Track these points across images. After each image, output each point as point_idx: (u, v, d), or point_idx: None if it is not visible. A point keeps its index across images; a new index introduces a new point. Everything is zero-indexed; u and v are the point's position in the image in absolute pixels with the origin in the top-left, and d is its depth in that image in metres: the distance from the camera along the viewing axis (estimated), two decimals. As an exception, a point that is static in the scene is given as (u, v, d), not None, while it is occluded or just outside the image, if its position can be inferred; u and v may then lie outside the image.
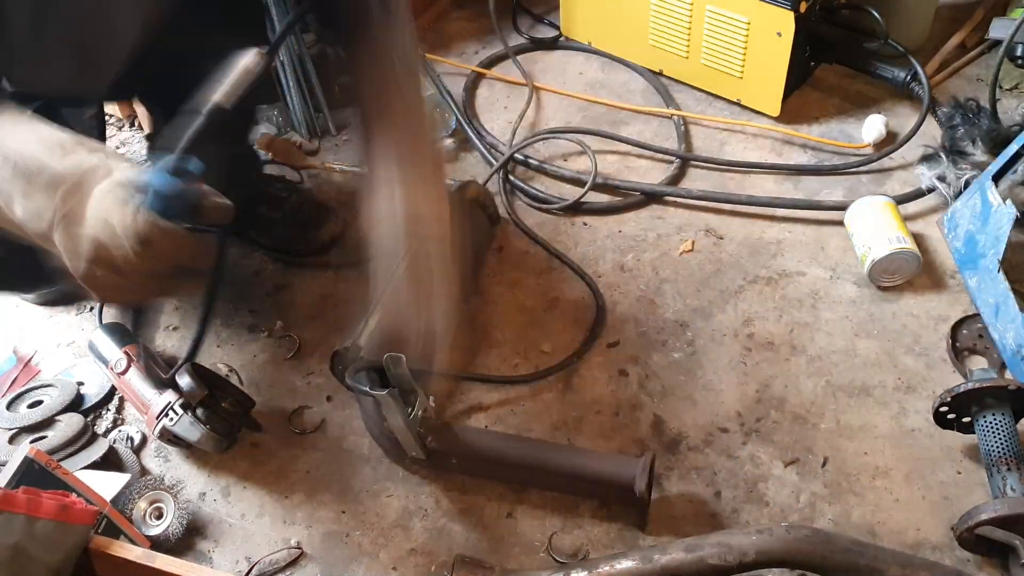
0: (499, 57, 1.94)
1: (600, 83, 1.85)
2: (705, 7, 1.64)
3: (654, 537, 1.13)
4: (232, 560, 1.14)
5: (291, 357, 1.37)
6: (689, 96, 1.80)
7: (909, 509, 1.14)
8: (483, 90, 1.88)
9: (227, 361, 1.37)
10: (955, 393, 1.13)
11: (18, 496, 0.88)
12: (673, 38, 1.74)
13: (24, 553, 0.86)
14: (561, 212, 1.57)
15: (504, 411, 1.28)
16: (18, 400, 1.26)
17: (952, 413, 1.17)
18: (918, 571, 0.64)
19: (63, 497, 0.92)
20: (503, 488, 1.19)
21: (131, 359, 1.26)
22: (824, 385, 1.28)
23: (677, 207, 1.57)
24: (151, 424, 1.21)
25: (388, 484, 1.21)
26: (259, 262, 1.53)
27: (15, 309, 1.48)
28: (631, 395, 1.29)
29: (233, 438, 1.24)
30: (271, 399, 1.32)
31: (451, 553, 1.13)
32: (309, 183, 1.65)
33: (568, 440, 1.24)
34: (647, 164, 1.66)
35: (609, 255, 1.50)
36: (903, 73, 1.65)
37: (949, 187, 1.47)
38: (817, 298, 1.40)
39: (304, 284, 1.49)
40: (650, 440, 1.23)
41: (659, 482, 1.19)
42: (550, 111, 1.81)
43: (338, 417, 1.29)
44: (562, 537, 1.14)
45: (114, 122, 1.87)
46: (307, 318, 1.43)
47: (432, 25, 2.08)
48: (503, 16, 1.95)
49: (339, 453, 1.25)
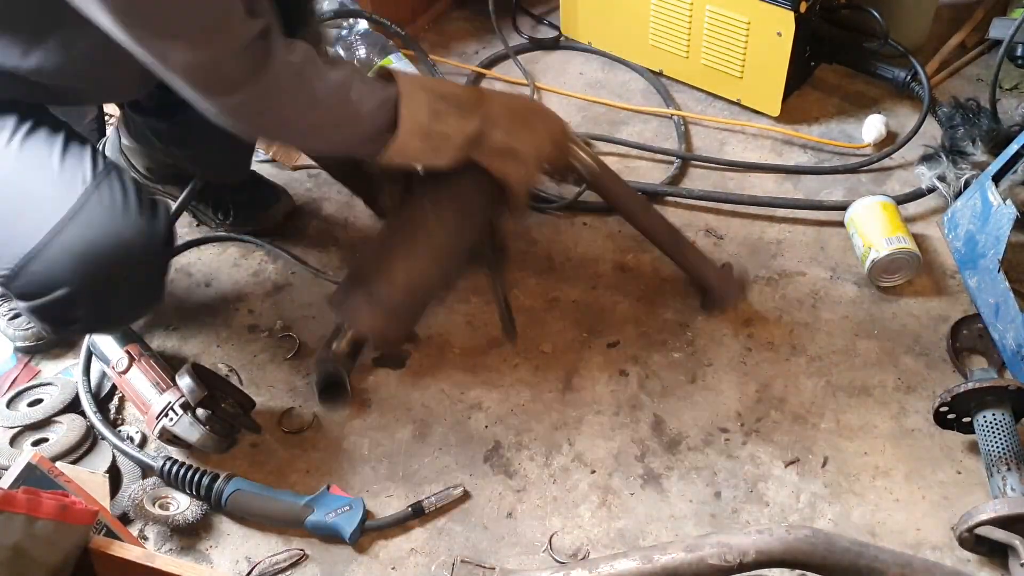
0: (499, 57, 1.94)
1: (600, 83, 1.85)
2: (705, 7, 1.64)
3: (654, 537, 1.13)
4: (232, 560, 1.14)
5: (291, 357, 1.37)
6: (689, 96, 1.79)
7: (909, 509, 1.14)
8: (483, 90, 1.88)
9: (227, 361, 1.37)
10: (955, 393, 1.13)
11: (18, 496, 0.87)
12: (673, 38, 1.74)
13: (24, 553, 0.86)
14: (561, 212, 1.57)
15: (504, 411, 1.28)
16: (18, 399, 1.26)
17: (952, 413, 1.17)
18: (918, 572, 0.64)
19: (63, 497, 0.92)
20: (503, 488, 1.19)
21: (132, 358, 1.26)
22: (824, 385, 1.28)
23: (677, 207, 1.57)
24: (151, 424, 1.21)
25: (388, 484, 1.21)
26: (259, 262, 1.53)
27: (15, 309, 1.48)
28: (631, 395, 1.29)
29: (233, 439, 1.24)
30: (271, 399, 1.31)
31: (451, 553, 1.13)
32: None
33: (568, 440, 1.24)
34: (647, 164, 1.66)
35: (609, 255, 1.50)
36: (903, 73, 1.65)
37: (949, 187, 1.47)
38: (817, 298, 1.40)
39: (304, 284, 1.49)
40: (650, 440, 1.24)
41: (659, 482, 1.19)
42: (550, 111, 1.80)
43: (337, 417, 1.29)
44: (562, 537, 1.14)
45: (113, 122, 1.87)
46: (307, 318, 1.43)
47: (432, 25, 2.07)
48: (503, 16, 1.95)
49: (338, 453, 1.24)
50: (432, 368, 1.35)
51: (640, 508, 1.16)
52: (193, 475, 1.17)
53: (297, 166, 1.71)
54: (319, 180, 1.69)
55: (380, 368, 1.35)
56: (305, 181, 1.69)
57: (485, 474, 1.21)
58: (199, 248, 1.56)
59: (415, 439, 1.26)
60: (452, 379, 1.33)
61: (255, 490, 1.16)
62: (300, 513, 1.14)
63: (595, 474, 1.20)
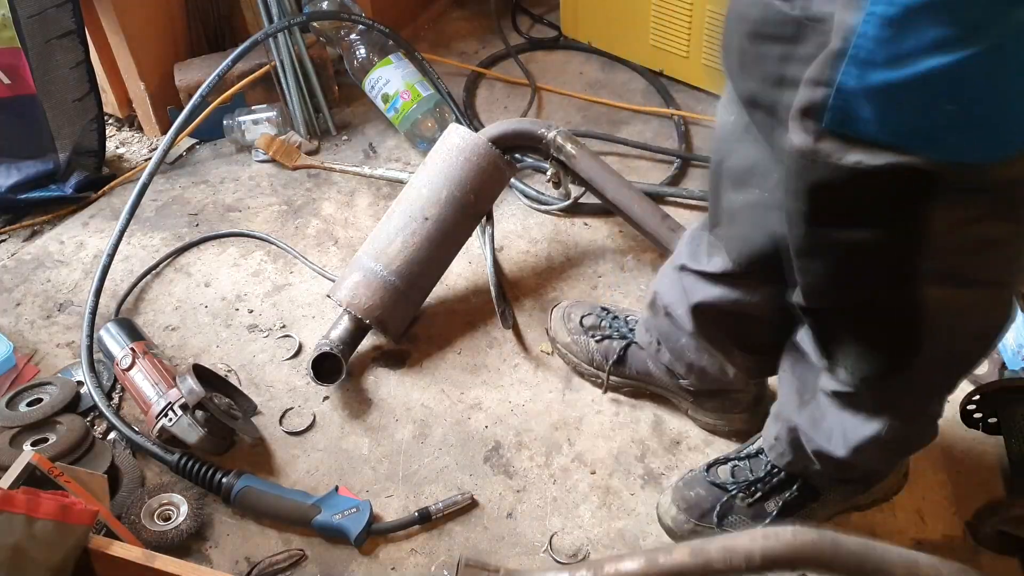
0: (499, 57, 1.94)
1: (600, 83, 1.85)
2: (705, 7, 1.64)
3: (654, 538, 1.13)
4: (232, 560, 1.13)
5: (291, 357, 1.37)
6: (689, 96, 1.79)
7: (910, 509, 1.14)
8: (483, 90, 1.88)
9: (227, 361, 1.37)
10: (985, 391, 1.13)
11: (18, 496, 0.87)
12: (673, 38, 1.74)
13: (24, 553, 0.86)
14: (561, 212, 1.57)
15: (504, 411, 1.28)
16: (17, 398, 1.26)
17: (979, 412, 1.17)
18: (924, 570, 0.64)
19: (63, 497, 0.92)
20: (503, 488, 1.19)
21: (136, 356, 1.26)
22: (825, 385, 1.28)
23: (677, 207, 1.56)
24: (151, 423, 1.20)
25: (388, 484, 1.20)
26: (259, 262, 1.53)
27: (15, 308, 1.47)
28: (631, 395, 1.29)
29: (231, 441, 1.24)
30: (271, 399, 1.31)
31: (451, 553, 1.13)
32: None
33: (568, 440, 1.24)
34: (647, 164, 1.66)
35: (609, 255, 1.50)
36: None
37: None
38: (818, 298, 1.40)
39: (304, 284, 1.48)
40: (650, 440, 1.23)
41: (659, 482, 1.18)
42: (550, 111, 1.81)
43: (337, 417, 1.29)
44: (562, 537, 1.14)
45: (113, 122, 1.87)
46: (307, 318, 1.43)
47: (432, 25, 2.07)
48: (503, 16, 1.95)
49: (338, 453, 1.24)
50: (432, 368, 1.35)
51: (640, 508, 1.16)
52: (205, 471, 1.17)
53: (297, 166, 1.71)
54: (319, 180, 1.69)
55: (380, 366, 1.35)
56: (305, 181, 1.69)
57: (485, 474, 1.21)
58: (199, 248, 1.56)
59: (415, 439, 1.26)
60: (452, 379, 1.33)
61: (265, 487, 1.16)
62: (307, 512, 1.13)
63: (595, 474, 1.20)
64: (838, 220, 0.77)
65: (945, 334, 0.84)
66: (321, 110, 1.78)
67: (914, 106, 0.66)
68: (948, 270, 0.78)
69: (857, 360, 0.90)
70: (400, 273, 1.31)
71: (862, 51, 0.65)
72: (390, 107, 1.72)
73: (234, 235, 1.57)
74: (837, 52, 0.67)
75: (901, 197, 0.72)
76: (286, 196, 1.66)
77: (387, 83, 1.71)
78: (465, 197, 1.33)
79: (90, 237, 1.60)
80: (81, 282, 1.51)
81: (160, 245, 1.57)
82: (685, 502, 1.10)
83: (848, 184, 0.71)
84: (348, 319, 1.31)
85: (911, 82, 0.64)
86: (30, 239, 1.61)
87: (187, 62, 1.77)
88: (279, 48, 1.68)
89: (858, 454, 0.96)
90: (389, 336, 1.35)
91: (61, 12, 1.52)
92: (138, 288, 1.49)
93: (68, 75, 1.57)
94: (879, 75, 0.65)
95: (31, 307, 1.48)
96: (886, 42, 0.64)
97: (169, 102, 1.77)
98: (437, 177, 1.34)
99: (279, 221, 1.61)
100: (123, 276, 1.50)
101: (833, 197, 0.74)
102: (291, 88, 1.71)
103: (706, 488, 1.10)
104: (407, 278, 1.32)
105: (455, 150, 1.35)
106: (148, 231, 1.60)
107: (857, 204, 0.74)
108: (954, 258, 0.77)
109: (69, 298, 1.48)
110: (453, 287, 1.47)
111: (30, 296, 1.49)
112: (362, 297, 1.30)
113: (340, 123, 1.81)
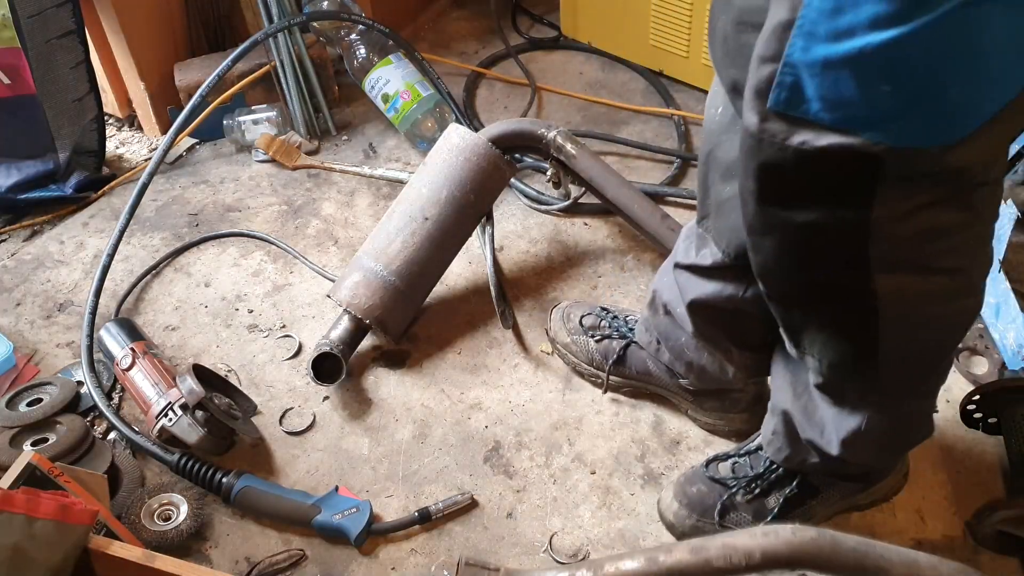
0: (499, 57, 1.94)
1: (600, 83, 1.85)
2: (705, 7, 1.64)
3: (654, 538, 1.13)
4: (232, 560, 1.13)
5: (291, 357, 1.37)
6: (689, 96, 1.79)
7: (910, 509, 1.14)
8: (483, 90, 1.88)
9: (227, 361, 1.37)
10: (985, 391, 1.13)
11: (17, 496, 0.87)
12: (673, 38, 1.74)
13: (24, 553, 0.86)
14: (561, 212, 1.57)
15: (504, 411, 1.28)
16: (17, 398, 1.25)
17: (979, 412, 1.17)
18: (924, 570, 0.64)
19: (63, 497, 0.92)
20: (503, 488, 1.19)
21: (136, 356, 1.26)
22: (825, 385, 1.28)
23: (677, 207, 1.56)
24: (151, 423, 1.20)
25: (388, 484, 1.20)
26: (259, 262, 1.53)
27: (15, 308, 1.47)
28: (631, 395, 1.29)
29: (231, 441, 1.24)
30: (271, 399, 1.31)
31: (451, 553, 1.13)
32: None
33: (568, 440, 1.24)
34: (647, 164, 1.66)
35: (609, 255, 1.50)
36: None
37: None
38: (817, 298, 1.40)
39: (304, 284, 1.48)
40: (650, 440, 1.23)
41: (659, 482, 1.18)
42: (550, 111, 1.81)
43: (337, 417, 1.29)
44: (562, 537, 1.14)
45: (113, 122, 1.87)
46: (307, 318, 1.43)
47: (432, 25, 2.07)
48: (503, 16, 1.95)
49: (338, 453, 1.24)
50: (432, 368, 1.35)
51: (640, 508, 1.16)
52: (205, 471, 1.17)
53: (297, 166, 1.71)
54: (319, 180, 1.69)
55: (380, 366, 1.35)
56: (305, 181, 1.69)
57: (485, 474, 1.21)
58: (199, 248, 1.56)
59: (415, 439, 1.26)
60: (452, 379, 1.33)
61: (265, 487, 1.16)
62: (307, 512, 1.13)
63: (595, 474, 1.20)
64: (786, 200, 0.76)
65: (904, 322, 0.83)
66: (321, 110, 1.78)
67: (853, 84, 0.65)
68: (901, 257, 0.77)
69: (823, 348, 0.90)
70: (400, 273, 1.31)
71: (807, 22, 0.65)
72: (390, 107, 1.72)
73: (234, 235, 1.57)
74: (784, 23, 0.66)
75: (847, 180, 0.71)
76: (286, 196, 1.66)
77: (387, 83, 1.71)
78: (465, 197, 1.33)
79: (90, 237, 1.60)
80: (81, 282, 1.51)
81: (160, 245, 1.57)
82: (687, 498, 1.10)
83: (795, 165, 0.71)
84: (348, 319, 1.31)
85: (848, 59, 0.63)
86: (30, 239, 1.61)
87: (187, 62, 1.77)
88: (279, 48, 1.69)
89: (848, 448, 0.96)
90: (389, 336, 1.35)
91: (61, 12, 1.52)
92: (138, 288, 1.49)
93: (68, 75, 1.57)
94: (821, 49, 0.65)
95: (31, 307, 1.48)
96: (828, 14, 0.63)
97: (169, 102, 1.77)
98: (437, 177, 1.34)
99: (279, 221, 1.61)
100: (123, 276, 1.51)
101: (781, 178, 0.73)
102: (291, 88, 1.72)
103: (707, 484, 1.10)
104: (407, 278, 1.32)
105: (455, 150, 1.35)
106: (148, 231, 1.60)
107: (804, 186, 0.73)
108: (906, 245, 0.76)
109: (69, 298, 1.49)
110: (453, 287, 1.47)
111: (30, 296, 1.50)
112: (362, 297, 1.30)
113: (340, 123, 1.81)
